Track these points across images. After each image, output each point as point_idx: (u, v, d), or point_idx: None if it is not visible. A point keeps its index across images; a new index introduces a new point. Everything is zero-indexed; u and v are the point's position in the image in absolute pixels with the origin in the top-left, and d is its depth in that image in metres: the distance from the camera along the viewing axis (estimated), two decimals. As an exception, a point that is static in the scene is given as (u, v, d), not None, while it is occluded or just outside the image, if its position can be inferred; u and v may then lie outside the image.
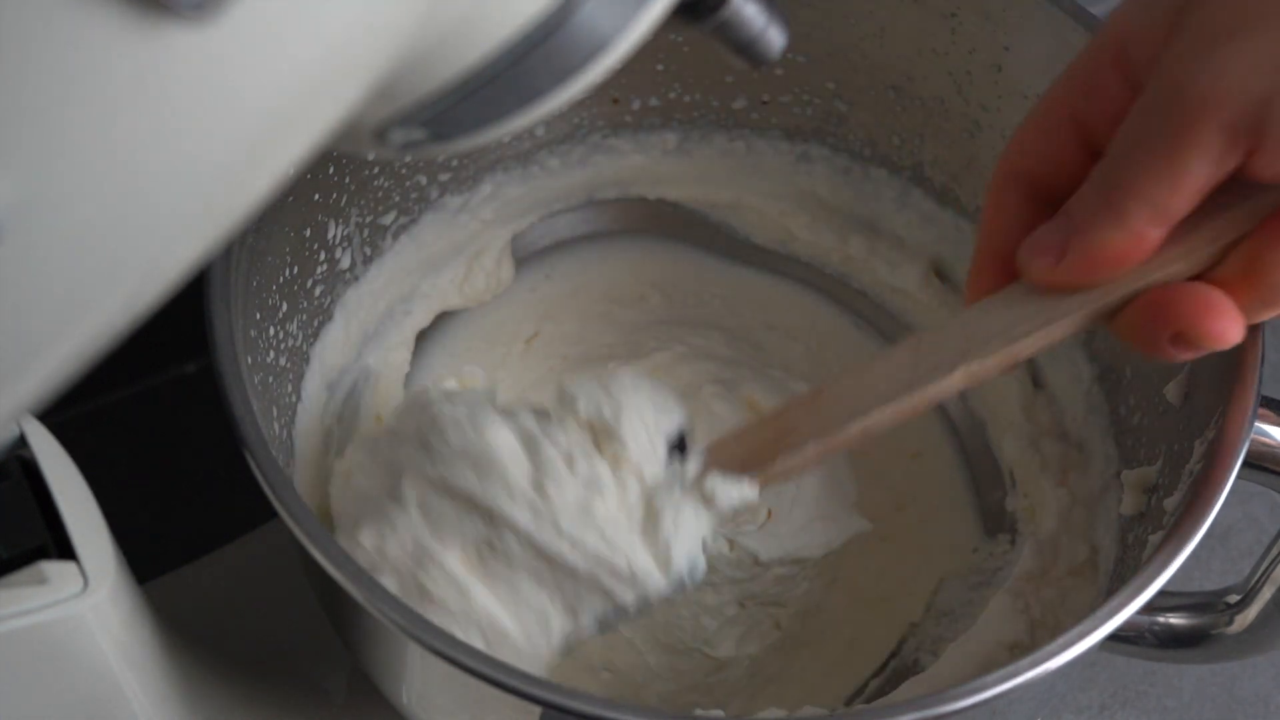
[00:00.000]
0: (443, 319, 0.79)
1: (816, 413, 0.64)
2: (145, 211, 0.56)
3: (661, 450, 0.62)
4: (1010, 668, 0.58)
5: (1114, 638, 0.60)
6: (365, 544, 0.60)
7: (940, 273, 0.78)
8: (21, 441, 0.63)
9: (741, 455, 0.65)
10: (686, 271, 0.82)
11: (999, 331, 0.59)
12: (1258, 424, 0.62)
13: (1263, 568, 0.66)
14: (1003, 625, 0.71)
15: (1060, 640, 0.58)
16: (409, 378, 0.77)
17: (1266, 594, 0.66)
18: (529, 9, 0.55)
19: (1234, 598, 0.67)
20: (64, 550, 0.62)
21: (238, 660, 0.72)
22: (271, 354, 0.68)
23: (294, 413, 0.70)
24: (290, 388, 0.70)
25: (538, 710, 0.59)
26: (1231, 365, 0.64)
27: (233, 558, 0.75)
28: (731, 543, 0.74)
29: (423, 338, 0.78)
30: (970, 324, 0.60)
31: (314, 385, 0.71)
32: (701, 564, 0.62)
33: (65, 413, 0.62)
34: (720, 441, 0.66)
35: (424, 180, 0.74)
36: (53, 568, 0.61)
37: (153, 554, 0.68)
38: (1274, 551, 0.66)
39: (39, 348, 0.56)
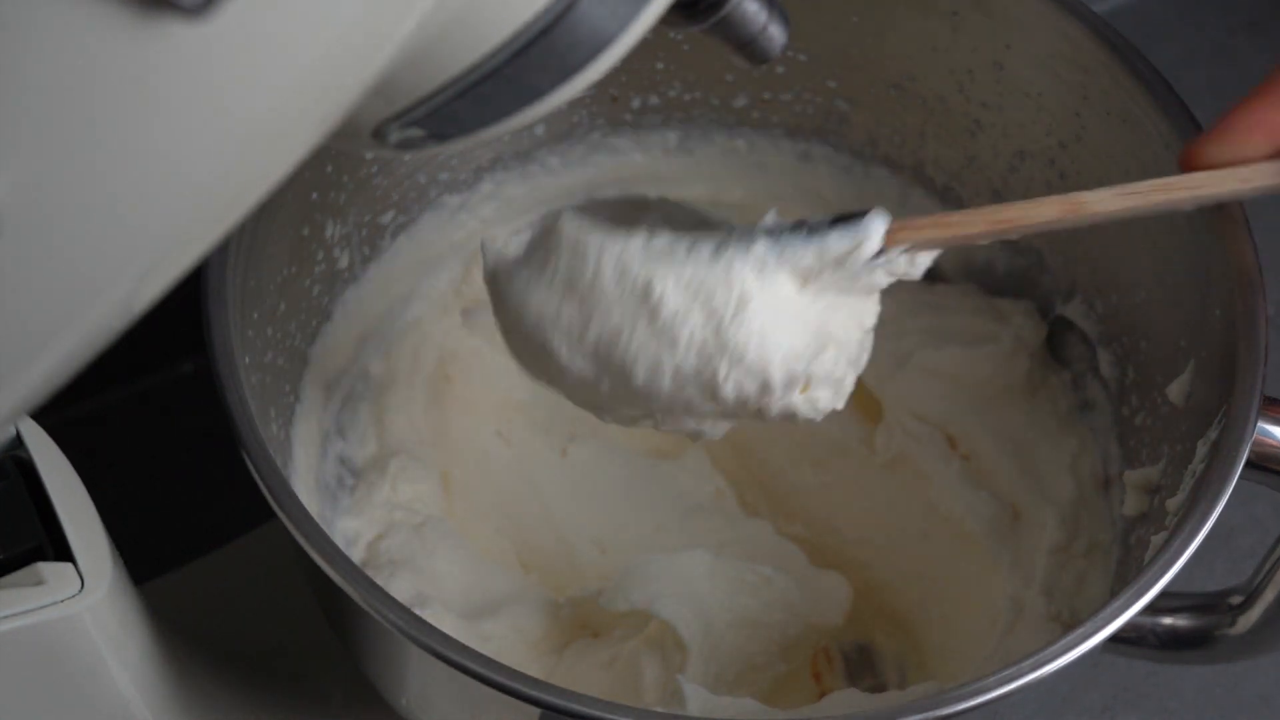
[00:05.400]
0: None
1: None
2: (145, 207, 0.54)
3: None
4: (1012, 669, 0.58)
5: (1116, 639, 0.60)
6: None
7: (936, 272, 0.77)
8: (18, 442, 0.63)
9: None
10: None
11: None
12: (1261, 424, 0.62)
13: (1265, 569, 0.67)
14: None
15: (1062, 642, 0.59)
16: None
17: (1270, 595, 0.66)
18: (527, 8, 0.54)
19: (1237, 599, 0.67)
20: (60, 551, 0.62)
21: (235, 662, 0.73)
22: (269, 354, 0.68)
23: (292, 413, 0.71)
24: (288, 388, 0.70)
25: (536, 712, 0.59)
26: (1234, 365, 0.64)
27: (230, 559, 0.75)
28: None
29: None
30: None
31: (312, 385, 0.72)
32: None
33: (62, 413, 0.63)
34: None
35: (423, 179, 0.74)
36: (49, 569, 0.61)
37: (150, 555, 0.69)
38: (1277, 553, 0.66)
39: (39, 344, 0.55)
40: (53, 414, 0.61)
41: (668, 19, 0.59)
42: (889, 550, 0.76)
